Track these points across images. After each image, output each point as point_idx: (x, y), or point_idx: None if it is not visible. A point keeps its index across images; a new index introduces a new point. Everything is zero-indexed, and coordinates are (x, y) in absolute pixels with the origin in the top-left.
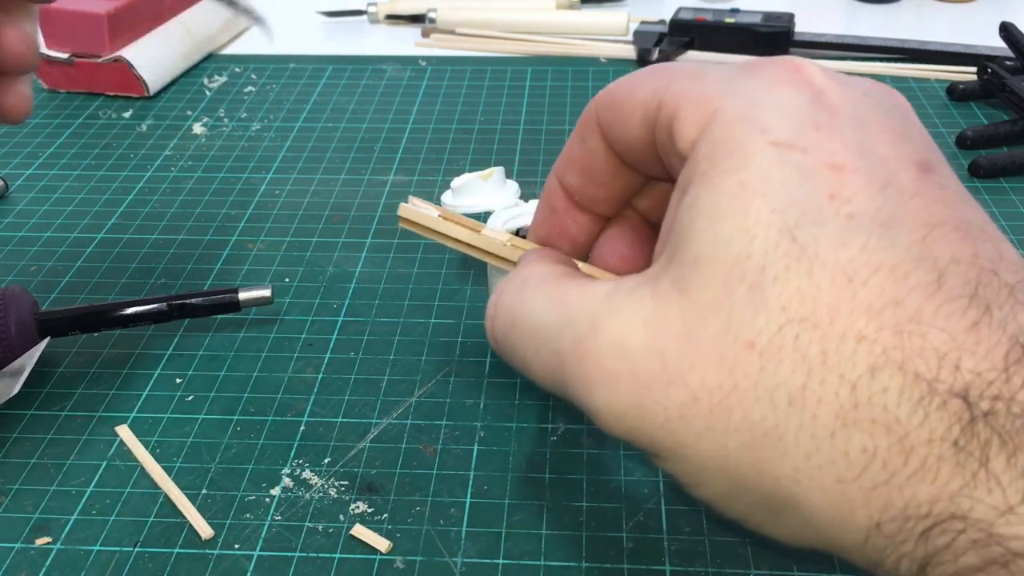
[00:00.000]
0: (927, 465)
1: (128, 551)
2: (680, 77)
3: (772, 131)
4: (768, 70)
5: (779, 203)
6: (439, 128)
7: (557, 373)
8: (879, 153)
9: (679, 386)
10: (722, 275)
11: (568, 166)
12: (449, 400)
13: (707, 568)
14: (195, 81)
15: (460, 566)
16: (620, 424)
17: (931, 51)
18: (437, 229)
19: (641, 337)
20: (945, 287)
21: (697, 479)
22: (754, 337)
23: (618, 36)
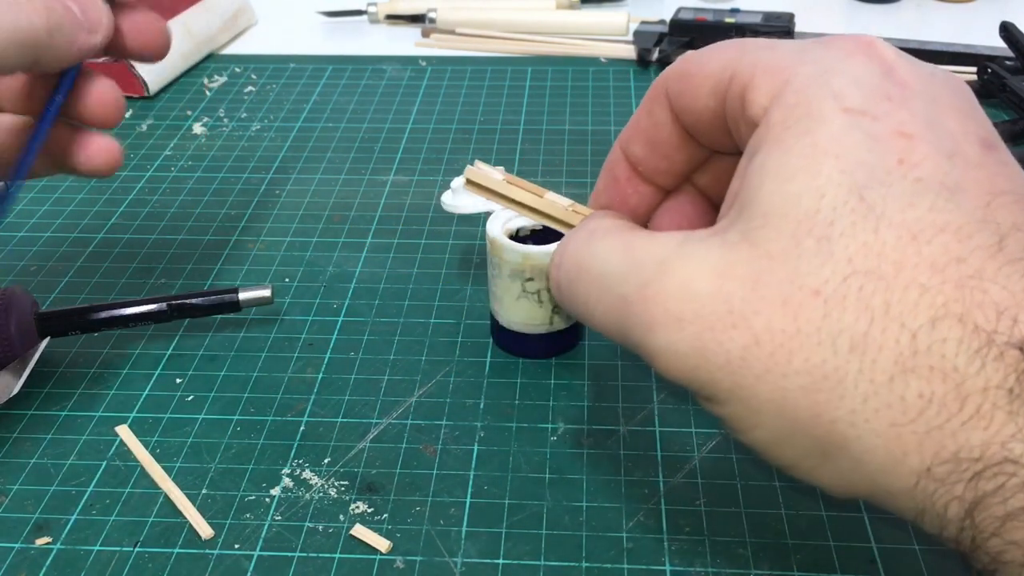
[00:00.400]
0: (981, 412)
1: (128, 551)
2: (754, 48)
3: (845, 98)
4: (841, 43)
5: (849, 164)
6: (439, 128)
7: (621, 318)
8: (946, 127)
9: (743, 329)
10: (791, 228)
11: (634, 136)
12: (449, 400)
13: (707, 568)
14: (195, 81)
15: (460, 566)
16: (680, 365)
17: (931, 51)
18: (501, 192)
19: (708, 282)
20: (1006, 249)
21: (752, 422)
22: (820, 285)
23: (618, 36)
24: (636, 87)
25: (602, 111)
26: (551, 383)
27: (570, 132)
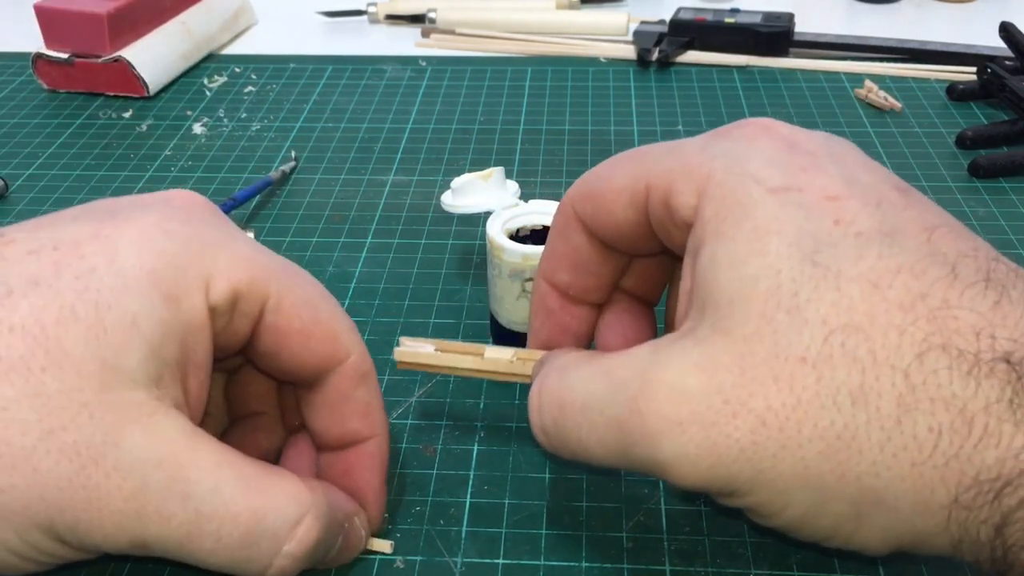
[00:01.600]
0: (989, 430)
1: None
2: (658, 156)
3: (766, 180)
4: (740, 131)
5: (792, 237)
6: (439, 128)
7: (620, 442)
8: (862, 181)
9: (744, 415)
10: (759, 308)
11: (556, 265)
12: (449, 400)
13: (707, 568)
14: (195, 81)
15: (460, 566)
16: (695, 470)
17: (931, 51)
18: (436, 364)
19: (695, 378)
20: (961, 276)
21: (780, 504)
22: (804, 352)
23: (618, 36)
24: (636, 87)
25: (602, 111)
26: None
27: (570, 132)
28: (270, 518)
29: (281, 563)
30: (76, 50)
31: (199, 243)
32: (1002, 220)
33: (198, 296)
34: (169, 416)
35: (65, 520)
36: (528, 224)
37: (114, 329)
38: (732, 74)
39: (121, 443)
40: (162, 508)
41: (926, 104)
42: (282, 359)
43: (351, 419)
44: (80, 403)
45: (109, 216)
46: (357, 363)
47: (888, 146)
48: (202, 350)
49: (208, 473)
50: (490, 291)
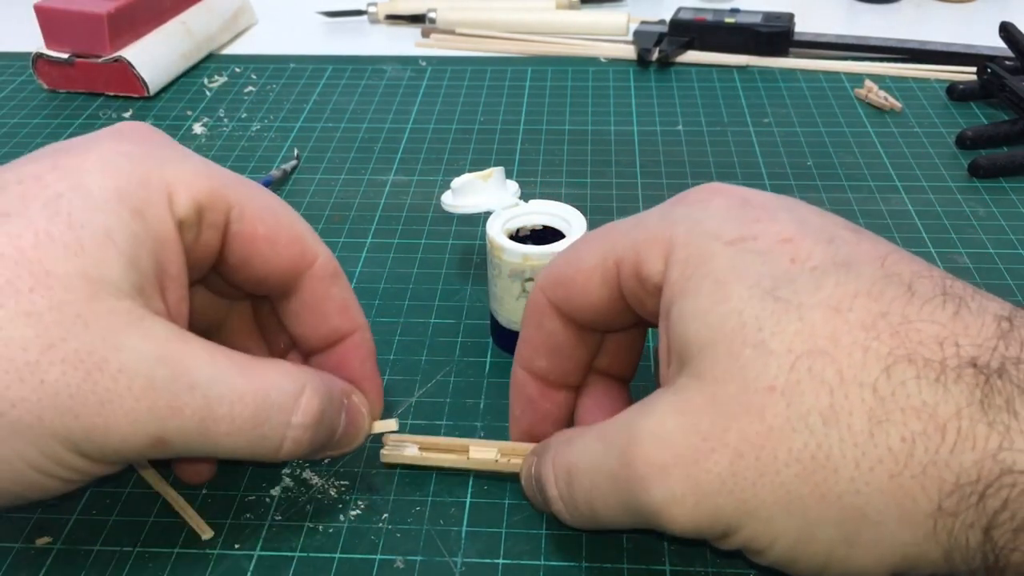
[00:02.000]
0: (963, 434)
1: (128, 551)
2: (623, 232)
3: (723, 235)
4: (696, 196)
5: (752, 280)
6: (439, 128)
7: (617, 495)
8: (814, 223)
9: (721, 449)
10: (725, 349)
11: (533, 353)
12: (449, 400)
13: (707, 568)
14: (195, 81)
15: (460, 566)
16: (683, 510)
17: (931, 51)
18: (421, 464)
19: (674, 422)
20: (918, 293)
21: (769, 535)
22: (772, 382)
23: (618, 36)
24: (636, 87)
25: (602, 111)
26: None
27: (570, 132)
28: (273, 394)
29: (293, 435)
30: (76, 50)
31: (156, 161)
32: (1002, 220)
33: (163, 209)
34: (157, 320)
35: (82, 427)
36: (528, 224)
37: (91, 245)
38: (732, 74)
39: (121, 346)
40: (173, 401)
41: (926, 104)
42: (254, 266)
43: (331, 317)
44: (73, 315)
45: (63, 151)
46: (325, 263)
47: (888, 146)
48: (175, 263)
49: (207, 364)
50: (490, 291)
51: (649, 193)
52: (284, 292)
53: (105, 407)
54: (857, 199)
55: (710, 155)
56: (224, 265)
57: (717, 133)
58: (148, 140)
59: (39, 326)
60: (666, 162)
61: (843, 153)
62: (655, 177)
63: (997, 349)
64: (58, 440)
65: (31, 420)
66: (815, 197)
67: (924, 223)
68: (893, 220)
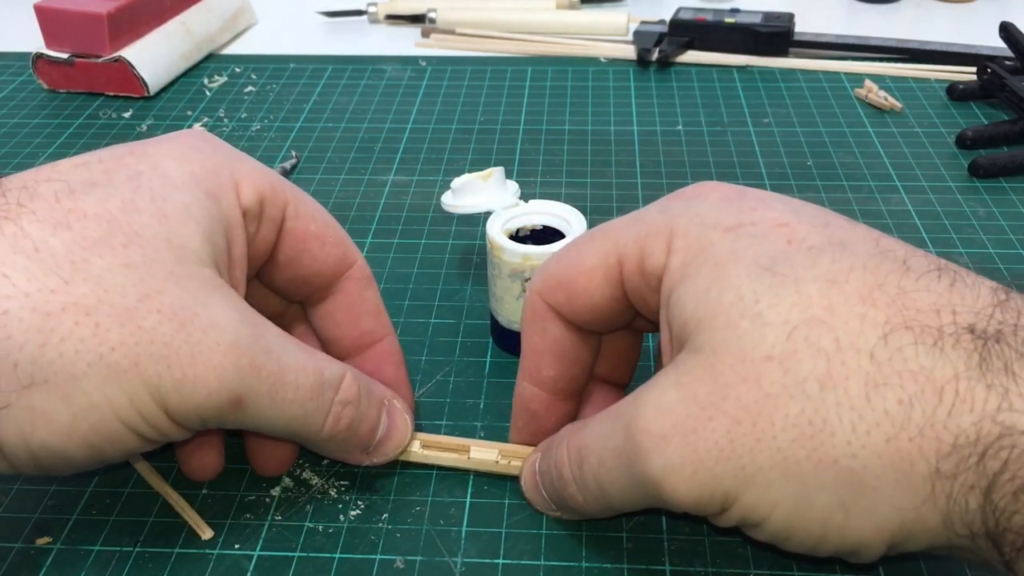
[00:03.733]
0: (961, 395)
1: (128, 551)
2: (623, 228)
3: (722, 223)
4: (693, 191)
5: (750, 260)
6: (439, 128)
7: (624, 469)
8: (808, 211)
9: (719, 417)
10: (723, 322)
11: (538, 362)
12: (449, 400)
13: (707, 568)
14: (195, 81)
15: (460, 566)
16: (682, 480)
17: (931, 51)
18: (423, 462)
19: (673, 393)
20: (913, 268)
21: (768, 503)
22: (768, 351)
23: (618, 36)
24: (636, 87)
25: (602, 111)
26: None
27: (570, 132)
28: (327, 371)
29: (336, 411)
30: (76, 50)
31: (224, 156)
32: (1002, 220)
33: (232, 196)
34: (233, 290)
35: (172, 378)
36: (528, 224)
37: (174, 215)
38: (732, 74)
39: (209, 304)
40: (254, 360)
41: (926, 104)
42: (303, 264)
43: (365, 319)
44: (165, 272)
45: (138, 144)
46: (363, 267)
47: (888, 146)
48: (239, 246)
49: (278, 334)
50: (490, 291)
51: (649, 193)
52: (323, 293)
53: (196, 359)
54: (857, 199)
55: (710, 155)
56: (274, 262)
57: (717, 133)
58: (211, 141)
59: (134, 276)
60: (666, 162)
61: (843, 153)
62: (655, 177)
63: (994, 316)
64: (149, 389)
65: (127, 365)
66: (815, 197)
67: (924, 223)
68: (893, 220)
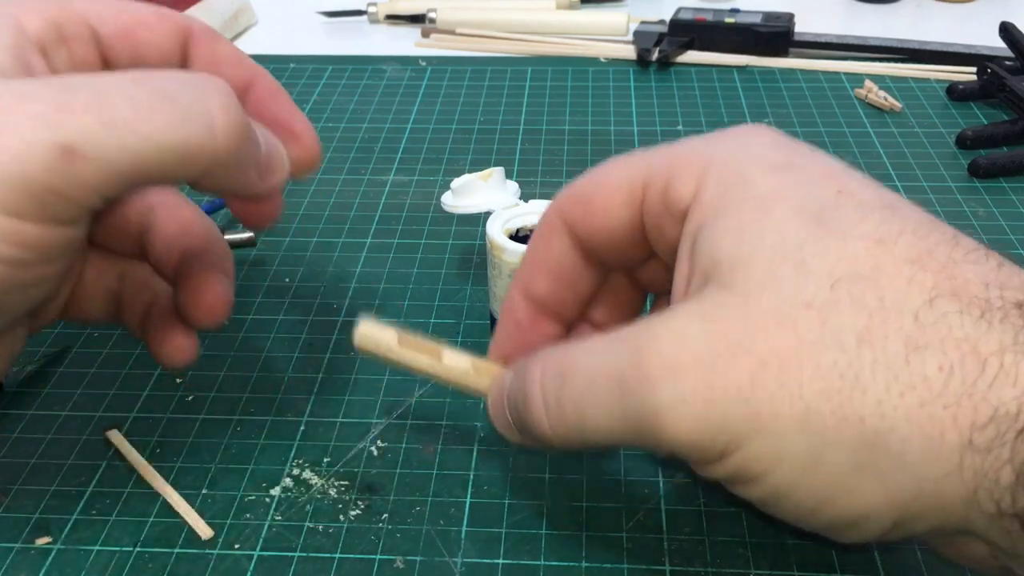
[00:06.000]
0: (1005, 368)
1: (128, 551)
2: (656, 154)
3: (767, 159)
4: (738, 130)
5: (796, 202)
6: (439, 128)
7: (619, 397)
8: (856, 172)
9: (745, 357)
10: (763, 265)
11: (534, 274)
12: (449, 400)
13: (707, 568)
14: None
15: (460, 566)
16: (688, 414)
17: (931, 51)
18: (396, 359)
19: (699, 325)
20: (962, 243)
21: (775, 454)
22: (809, 299)
23: (618, 36)
24: (636, 87)
25: (602, 111)
26: None
27: (570, 132)
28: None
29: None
30: None
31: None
32: (1002, 220)
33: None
34: None
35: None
36: (528, 224)
37: None
38: (732, 74)
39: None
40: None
41: (926, 104)
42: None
43: (229, 71)
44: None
45: None
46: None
47: (888, 146)
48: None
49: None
50: (490, 291)
51: None
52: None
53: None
54: None
55: None
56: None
57: None
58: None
59: None
60: None
61: (843, 153)
62: None
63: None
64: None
65: None
66: None
67: None
68: None
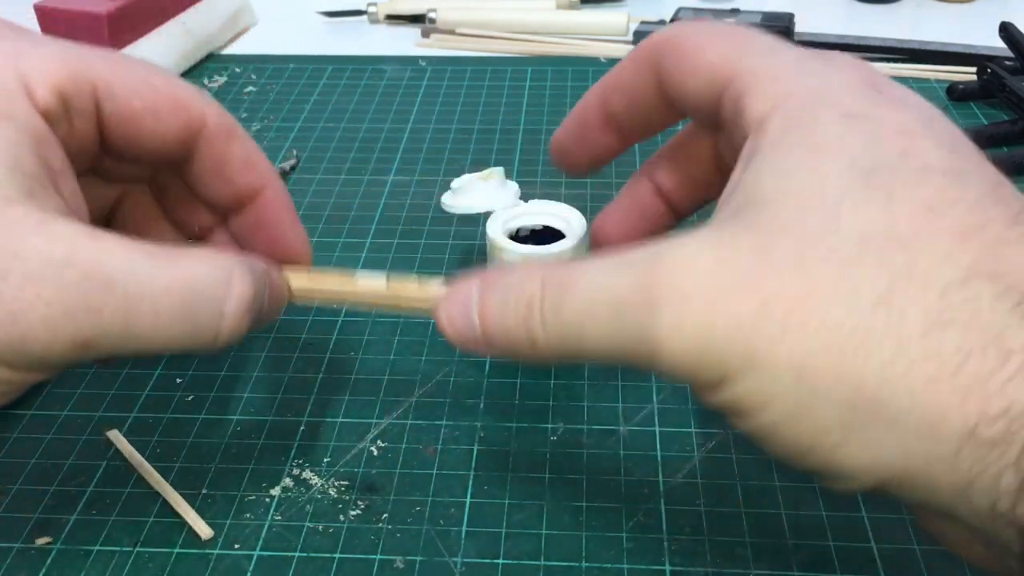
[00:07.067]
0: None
1: (128, 551)
2: (754, 51)
3: (843, 105)
4: (839, 60)
5: (851, 157)
6: (439, 128)
7: (619, 316)
8: (942, 130)
9: (752, 294)
10: (792, 211)
11: (615, 92)
12: (449, 400)
13: (707, 568)
14: (195, 81)
15: (460, 566)
16: (686, 342)
17: (931, 51)
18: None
19: (711, 256)
20: (1022, 222)
21: (765, 396)
22: (830, 252)
23: (618, 36)
24: None
25: None
26: (551, 383)
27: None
28: (201, 283)
29: (229, 323)
30: None
31: (7, 57)
32: None
33: (25, 104)
34: (59, 221)
35: None
36: (528, 224)
37: None
38: None
39: (22, 253)
40: (89, 302)
41: None
42: (143, 142)
43: (236, 176)
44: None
45: None
46: (218, 122)
47: None
48: (56, 156)
49: (122, 259)
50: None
51: None
52: (184, 159)
53: (17, 317)
54: None
55: None
56: (112, 147)
57: None
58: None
59: None
60: None
61: None
62: None
63: None
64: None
65: None
66: None
67: None
68: None
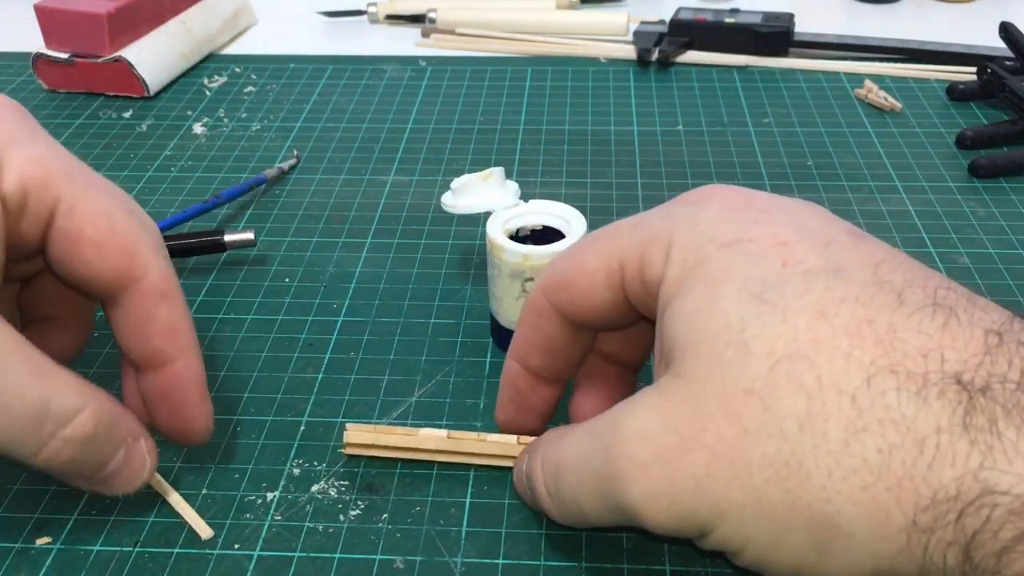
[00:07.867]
0: (942, 450)
1: (128, 551)
2: (626, 232)
3: (719, 236)
4: (697, 196)
5: (740, 282)
6: (439, 128)
7: (602, 491)
8: (812, 226)
9: (698, 449)
10: (708, 349)
11: (528, 352)
12: (449, 400)
13: (707, 568)
14: (195, 81)
15: (460, 566)
16: (660, 509)
17: (931, 51)
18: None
19: (656, 422)
20: (907, 301)
21: (742, 537)
22: (749, 384)
23: (618, 36)
24: (636, 87)
25: (602, 111)
26: None
27: (570, 132)
28: (55, 402)
29: (55, 446)
30: (76, 50)
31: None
32: (1002, 220)
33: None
34: None
35: None
36: (528, 224)
37: None
38: (732, 74)
39: None
40: None
41: (926, 104)
42: (75, 268)
43: (154, 338)
44: None
45: None
46: (156, 282)
47: (888, 146)
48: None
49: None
50: (490, 291)
51: (649, 193)
52: (108, 301)
53: None
54: (857, 199)
55: (710, 155)
56: (49, 259)
57: (717, 133)
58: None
59: None
60: (666, 162)
61: (843, 153)
62: (655, 177)
63: (983, 365)
64: None
65: None
66: (815, 197)
67: (924, 223)
68: (893, 220)
